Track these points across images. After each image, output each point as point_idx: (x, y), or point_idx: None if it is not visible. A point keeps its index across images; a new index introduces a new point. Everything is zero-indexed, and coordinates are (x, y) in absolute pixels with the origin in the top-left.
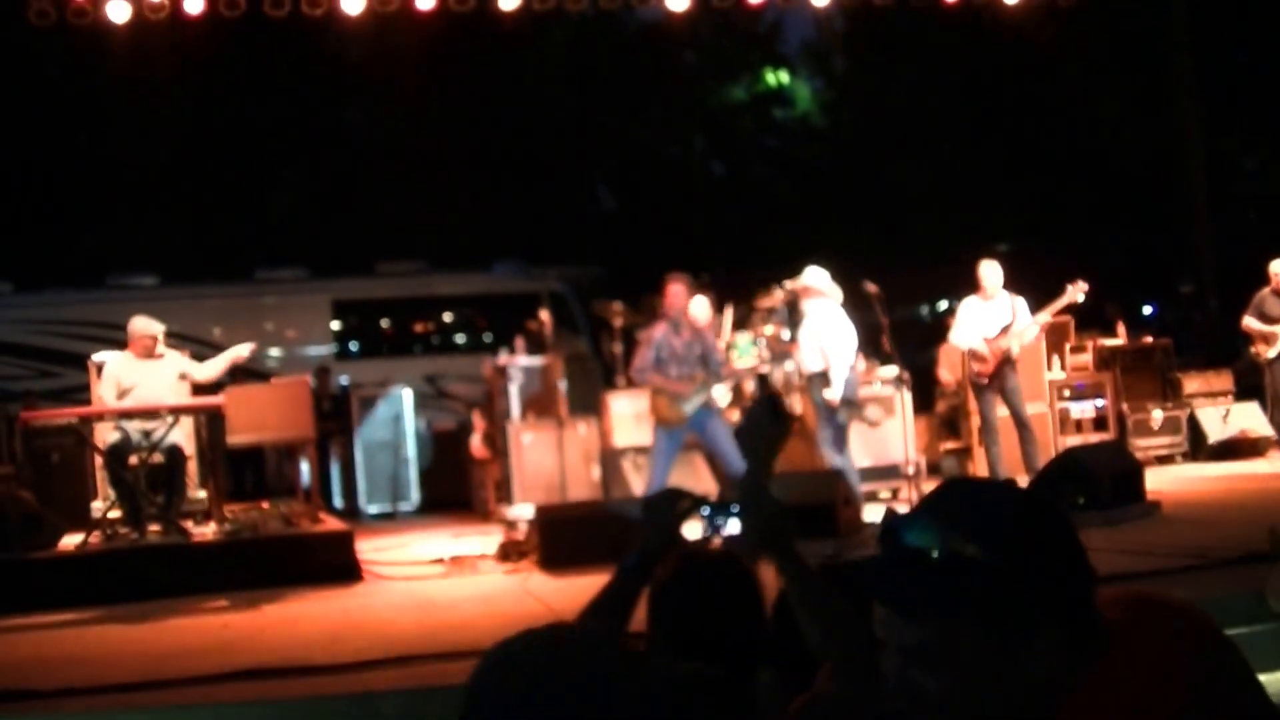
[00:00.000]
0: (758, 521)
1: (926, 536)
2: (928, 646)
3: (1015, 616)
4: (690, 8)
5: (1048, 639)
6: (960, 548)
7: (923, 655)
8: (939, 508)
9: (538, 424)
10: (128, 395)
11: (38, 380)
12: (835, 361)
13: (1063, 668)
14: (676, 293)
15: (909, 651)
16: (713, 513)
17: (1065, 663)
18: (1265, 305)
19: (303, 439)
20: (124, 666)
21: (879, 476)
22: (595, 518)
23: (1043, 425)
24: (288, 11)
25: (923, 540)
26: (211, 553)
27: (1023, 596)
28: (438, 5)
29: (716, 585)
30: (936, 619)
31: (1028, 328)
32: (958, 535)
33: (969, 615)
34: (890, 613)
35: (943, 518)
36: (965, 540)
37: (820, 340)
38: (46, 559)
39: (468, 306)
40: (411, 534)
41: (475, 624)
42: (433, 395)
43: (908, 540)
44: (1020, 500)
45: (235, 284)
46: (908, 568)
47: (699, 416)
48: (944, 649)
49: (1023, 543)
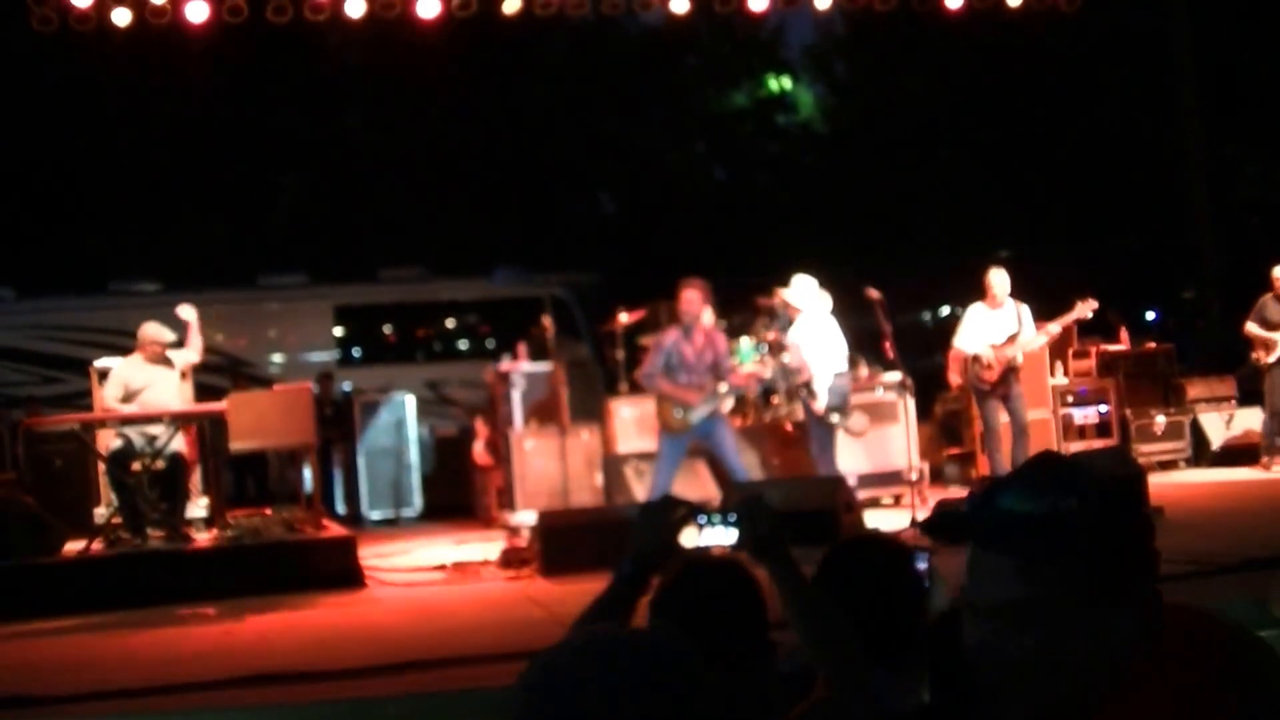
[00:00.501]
0: (753, 529)
1: (1024, 499)
2: (1020, 604)
3: (1103, 572)
4: (691, 12)
5: (1127, 599)
6: (1058, 504)
7: (1015, 613)
8: (1034, 474)
9: (540, 430)
10: (136, 398)
11: (40, 386)
12: (819, 371)
13: (1135, 631)
14: (691, 299)
15: (1001, 612)
16: (708, 520)
17: (1138, 627)
18: (1266, 310)
19: (305, 445)
20: (127, 672)
21: (881, 482)
22: (597, 524)
23: (1046, 431)
24: (290, 17)
25: (1020, 503)
26: (214, 559)
27: (1111, 552)
28: (440, 11)
29: (719, 590)
30: (1036, 569)
31: (1034, 339)
32: (1055, 494)
33: (1065, 565)
34: (986, 571)
35: (1039, 481)
36: (1062, 497)
37: (805, 350)
38: (49, 565)
39: (470, 312)
40: (414, 540)
41: (477, 630)
42: (435, 401)
43: (1004, 504)
44: (1110, 478)
45: (237, 290)
46: (1009, 522)
47: (706, 423)
48: (1036, 606)
49: (1112, 503)
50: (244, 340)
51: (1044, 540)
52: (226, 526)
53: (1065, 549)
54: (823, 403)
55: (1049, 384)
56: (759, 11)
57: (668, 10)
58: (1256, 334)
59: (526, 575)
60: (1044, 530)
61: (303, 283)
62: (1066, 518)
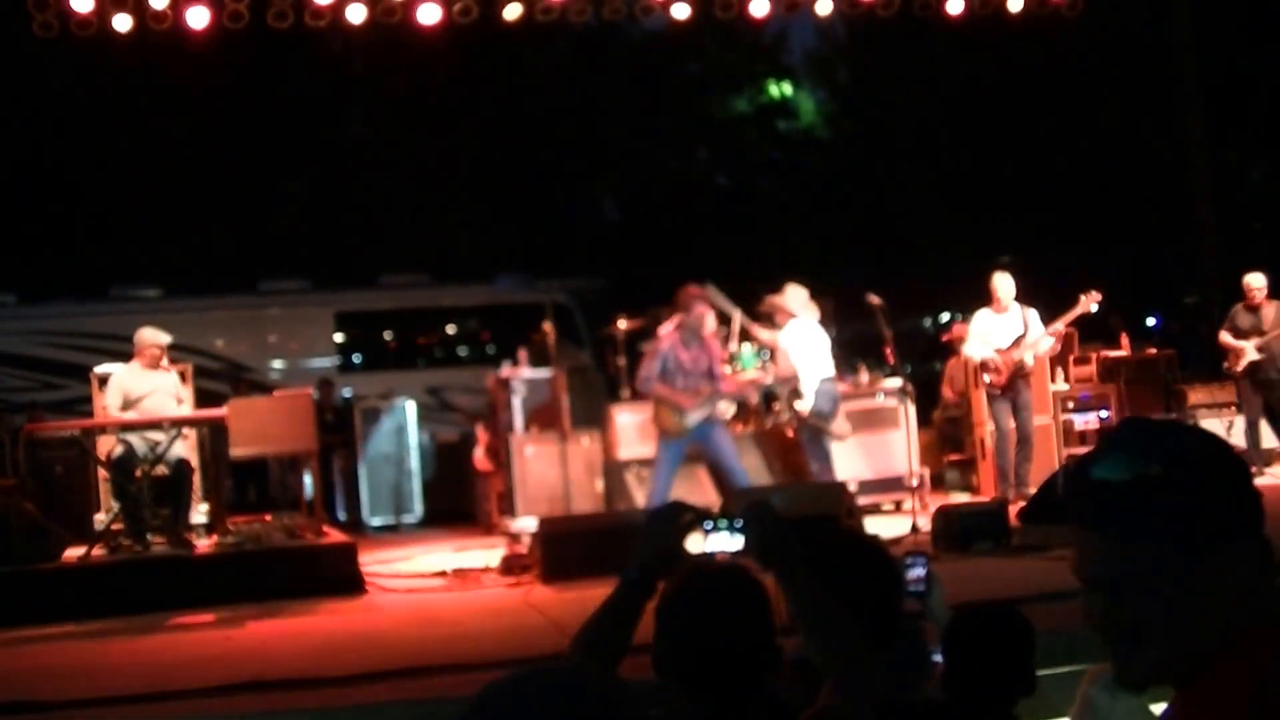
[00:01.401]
0: (760, 535)
1: (1114, 467)
2: (1127, 575)
3: (1201, 530)
4: (693, 17)
5: (1231, 553)
6: (1146, 470)
7: (1125, 586)
8: (1121, 441)
9: (541, 436)
10: (136, 405)
11: (41, 392)
12: (805, 376)
13: (1248, 583)
14: (702, 314)
15: (1112, 586)
16: (715, 526)
17: (1249, 578)
18: (1238, 319)
19: (305, 451)
20: (128, 678)
21: (882, 489)
22: (598, 530)
23: (1047, 437)
24: (290, 23)
25: (1111, 471)
26: (215, 565)
27: (1205, 509)
28: (441, 17)
29: (725, 596)
30: (1133, 541)
31: (1041, 339)
32: (1143, 460)
33: (1161, 532)
34: (1090, 548)
35: (1127, 448)
36: (1149, 463)
37: (793, 356)
38: (50, 571)
39: (471, 318)
40: (415, 546)
41: (478, 637)
42: (436, 407)
43: (1096, 474)
44: (1193, 429)
45: (238, 296)
46: (1101, 496)
47: (702, 428)
48: (1142, 576)
49: (1200, 461)
50: (245, 346)
51: (1134, 511)
52: (227, 533)
53: (1154, 518)
54: (807, 406)
55: (1050, 389)
56: (760, 17)
57: (669, 16)
58: (1229, 343)
59: (527, 581)
60: (1133, 498)
61: (304, 289)
62: (1154, 483)
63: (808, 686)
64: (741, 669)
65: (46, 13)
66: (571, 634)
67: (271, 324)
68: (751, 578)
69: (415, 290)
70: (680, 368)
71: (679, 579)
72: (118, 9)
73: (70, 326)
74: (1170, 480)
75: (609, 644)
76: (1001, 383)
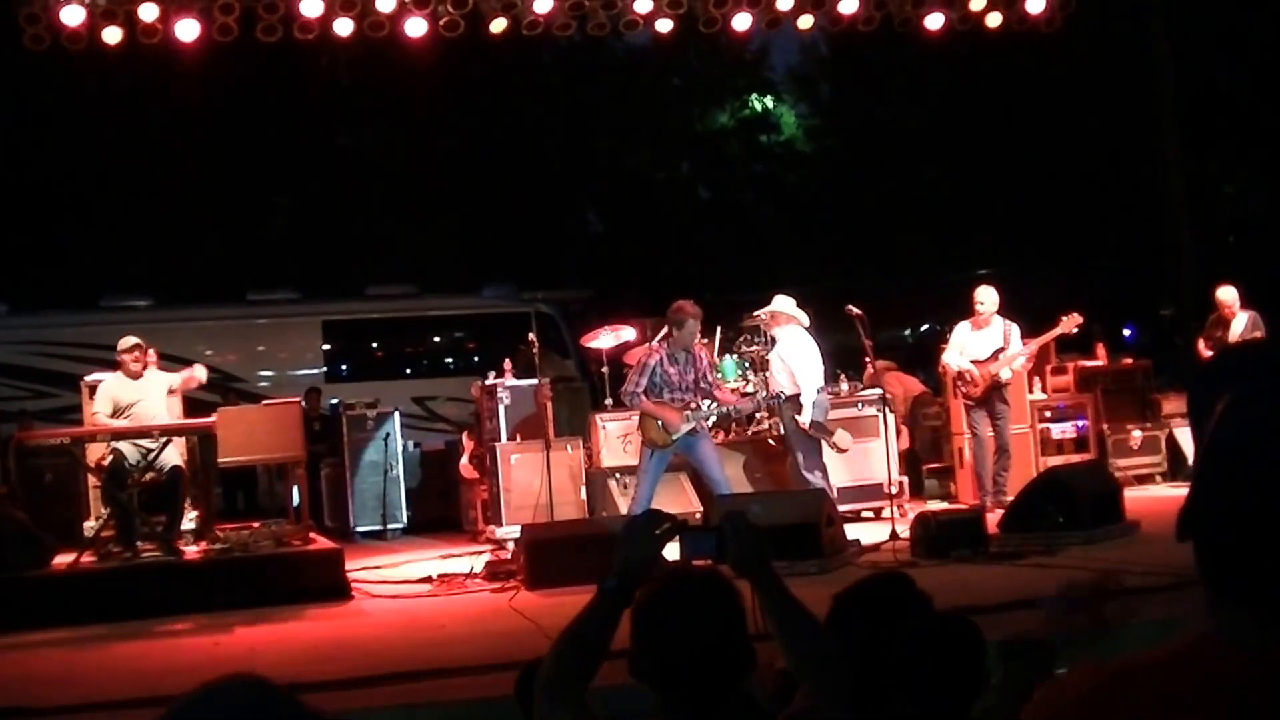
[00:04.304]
0: (736, 544)
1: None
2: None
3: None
4: (675, 31)
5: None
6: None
7: None
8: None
9: (525, 445)
10: (126, 413)
11: (32, 401)
12: (804, 385)
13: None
14: (694, 330)
15: None
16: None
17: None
18: (1214, 330)
19: (293, 459)
20: (116, 684)
21: (861, 496)
22: (581, 538)
23: (1024, 446)
24: (279, 37)
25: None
26: (203, 572)
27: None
28: (427, 31)
29: (700, 601)
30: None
31: (1017, 355)
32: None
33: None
34: None
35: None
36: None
37: (789, 365)
38: (40, 578)
39: (457, 329)
40: (400, 553)
41: (463, 642)
42: (422, 416)
43: None
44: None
45: (227, 306)
46: None
47: (687, 439)
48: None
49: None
50: (233, 356)
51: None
52: (215, 540)
53: None
54: (808, 417)
55: (1027, 399)
56: (742, 32)
57: (653, 30)
58: (1205, 354)
59: (511, 587)
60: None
61: (292, 299)
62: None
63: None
64: (716, 672)
65: (37, 26)
66: (556, 640)
67: (260, 334)
68: (726, 583)
69: (402, 301)
70: (667, 382)
71: (655, 584)
72: (108, 22)
73: (61, 336)
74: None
75: (587, 651)
76: (977, 394)
